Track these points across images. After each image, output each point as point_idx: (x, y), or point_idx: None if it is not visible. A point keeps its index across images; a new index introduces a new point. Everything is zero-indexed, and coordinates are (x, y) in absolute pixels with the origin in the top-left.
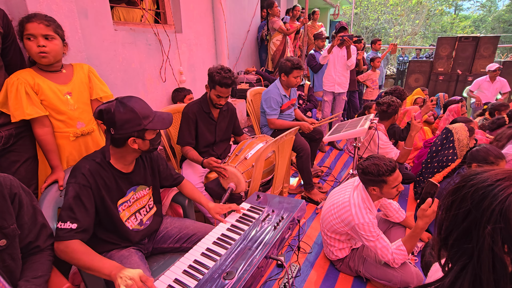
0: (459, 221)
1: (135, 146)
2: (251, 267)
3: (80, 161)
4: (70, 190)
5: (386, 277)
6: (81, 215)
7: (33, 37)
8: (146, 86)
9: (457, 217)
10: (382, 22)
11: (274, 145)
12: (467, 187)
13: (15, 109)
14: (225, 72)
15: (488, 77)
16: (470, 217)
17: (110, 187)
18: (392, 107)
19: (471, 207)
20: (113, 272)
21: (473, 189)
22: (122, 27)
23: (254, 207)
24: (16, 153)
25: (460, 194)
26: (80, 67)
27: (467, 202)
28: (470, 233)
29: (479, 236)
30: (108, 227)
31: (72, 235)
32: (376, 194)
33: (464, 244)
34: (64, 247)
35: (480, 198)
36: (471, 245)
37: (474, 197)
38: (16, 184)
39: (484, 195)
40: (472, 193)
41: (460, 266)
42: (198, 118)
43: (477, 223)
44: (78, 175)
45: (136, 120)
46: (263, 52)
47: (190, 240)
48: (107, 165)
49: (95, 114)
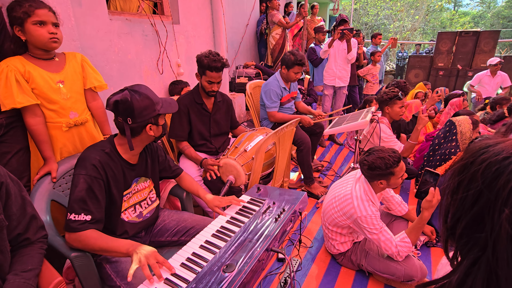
0: (468, 206)
1: (151, 133)
2: (252, 260)
3: (89, 150)
4: (82, 182)
5: (389, 271)
6: (94, 207)
7: (44, 24)
8: (143, 78)
9: (466, 201)
10: (382, 18)
11: (275, 136)
12: (477, 163)
13: (5, 98)
14: (213, 56)
15: (489, 71)
16: (482, 199)
17: (118, 178)
18: (391, 93)
19: (482, 188)
20: (130, 249)
21: (485, 165)
22: (117, 17)
23: (254, 199)
24: (7, 144)
25: (468, 172)
26: (73, 56)
27: (477, 182)
28: (483, 220)
29: (494, 222)
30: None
31: (86, 226)
32: (382, 187)
33: (476, 233)
34: (77, 237)
35: (493, 175)
36: (484, 234)
37: (486, 174)
38: (3, 173)
39: (498, 171)
40: (483, 170)
41: (471, 260)
42: (190, 110)
43: (491, 206)
44: (88, 166)
45: (152, 106)
46: (262, 47)
47: (188, 233)
48: (116, 156)
49: (110, 106)
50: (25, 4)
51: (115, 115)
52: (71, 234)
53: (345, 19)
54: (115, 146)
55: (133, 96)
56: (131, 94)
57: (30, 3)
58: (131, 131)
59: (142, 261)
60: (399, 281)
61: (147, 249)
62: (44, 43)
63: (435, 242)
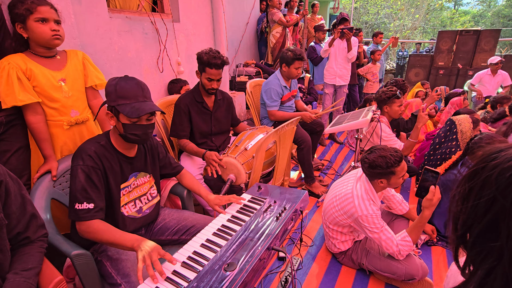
0: (481, 213)
1: (112, 123)
2: (253, 258)
3: (84, 143)
4: (80, 172)
5: (390, 270)
6: (95, 195)
7: (46, 21)
8: (143, 76)
9: (478, 208)
10: (382, 16)
11: (276, 135)
12: (489, 168)
13: (6, 95)
14: (213, 53)
15: (490, 70)
16: (496, 206)
17: (115, 170)
18: (389, 92)
19: (496, 194)
20: (135, 244)
21: (498, 170)
22: (117, 15)
23: (255, 198)
24: (7, 142)
25: (479, 178)
26: (74, 54)
27: (490, 188)
28: (497, 228)
29: (510, 230)
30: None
31: (92, 215)
32: (382, 186)
33: (490, 241)
34: (86, 227)
35: (508, 181)
36: (499, 242)
37: (500, 180)
38: (2, 171)
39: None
40: (496, 176)
41: (486, 270)
42: (191, 109)
43: (506, 213)
44: (85, 157)
45: (112, 95)
46: (262, 45)
47: (188, 232)
48: (111, 148)
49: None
50: (27, 1)
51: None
52: (81, 224)
53: (345, 17)
54: (110, 139)
55: (113, 79)
56: (119, 78)
57: (32, 0)
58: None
59: (146, 261)
60: (400, 280)
61: (150, 245)
62: (47, 40)
63: (436, 241)
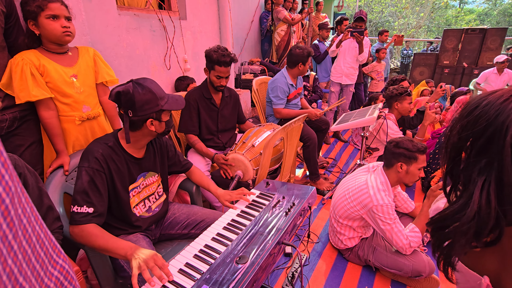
0: (477, 137)
1: (152, 128)
2: (264, 252)
3: (92, 144)
4: (84, 175)
5: (397, 266)
6: (97, 199)
7: (57, 18)
8: (150, 73)
9: (475, 133)
10: (386, 15)
11: (283, 132)
12: (481, 107)
13: (20, 90)
14: (222, 51)
15: (496, 69)
16: (490, 129)
17: (122, 172)
18: (401, 89)
19: (490, 122)
20: (128, 252)
21: (488, 107)
22: (126, 12)
23: (263, 193)
24: (21, 137)
25: (472, 114)
26: (85, 50)
27: (484, 117)
28: (489, 146)
29: (499, 146)
30: (116, 212)
31: (89, 219)
32: (399, 175)
33: (482, 157)
34: (80, 231)
35: (496, 112)
36: (487, 158)
37: (490, 113)
38: (21, 164)
39: (501, 108)
40: (488, 109)
41: (483, 178)
42: (200, 105)
43: (496, 135)
44: (91, 159)
45: (154, 100)
46: (265, 43)
47: (198, 227)
48: (119, 149)
49: (112, 97)
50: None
51: (118, 107)
52: (75, 228)
53: (362, 17)
54: (119, 139)
55: (135, 89)
56: (134, 86)
57: None
58: (132, 124)
59: (141, 266)
60: (406, 276)
61: (146, 253)
62: (58, 37)
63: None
